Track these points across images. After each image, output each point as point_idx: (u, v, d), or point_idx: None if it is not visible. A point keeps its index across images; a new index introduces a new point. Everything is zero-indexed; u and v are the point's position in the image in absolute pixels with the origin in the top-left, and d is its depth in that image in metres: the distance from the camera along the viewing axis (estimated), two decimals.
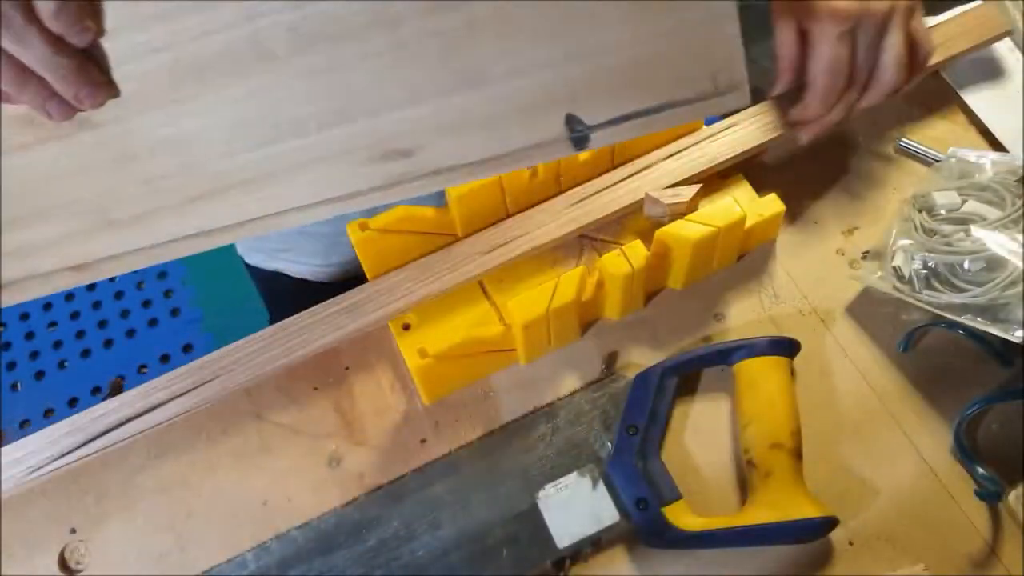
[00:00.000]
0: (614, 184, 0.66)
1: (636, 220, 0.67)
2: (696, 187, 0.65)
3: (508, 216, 0.66)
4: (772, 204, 0.66)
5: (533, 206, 0.66)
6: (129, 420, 0.62)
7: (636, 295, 0.65)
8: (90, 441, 0.62)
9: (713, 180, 0.68)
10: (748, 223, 0.64)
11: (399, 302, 0.64)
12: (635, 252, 0.61)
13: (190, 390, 0.63)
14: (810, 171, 0.72)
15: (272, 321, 0.64)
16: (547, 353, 0.66)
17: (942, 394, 0.62)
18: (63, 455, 0.61)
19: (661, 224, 0.63)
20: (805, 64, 0.60)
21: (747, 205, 0.64)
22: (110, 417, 0.62)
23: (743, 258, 0.69)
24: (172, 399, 0.62)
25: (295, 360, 0.63)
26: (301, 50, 0.48)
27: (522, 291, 0.62)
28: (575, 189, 0.67)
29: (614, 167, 0.67)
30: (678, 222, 0.62)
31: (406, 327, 0.64)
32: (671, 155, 0.67)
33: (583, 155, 0.66)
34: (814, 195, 0.71)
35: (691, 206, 0.65)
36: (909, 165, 0.72)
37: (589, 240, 0.67)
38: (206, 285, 1.81)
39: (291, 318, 0.64)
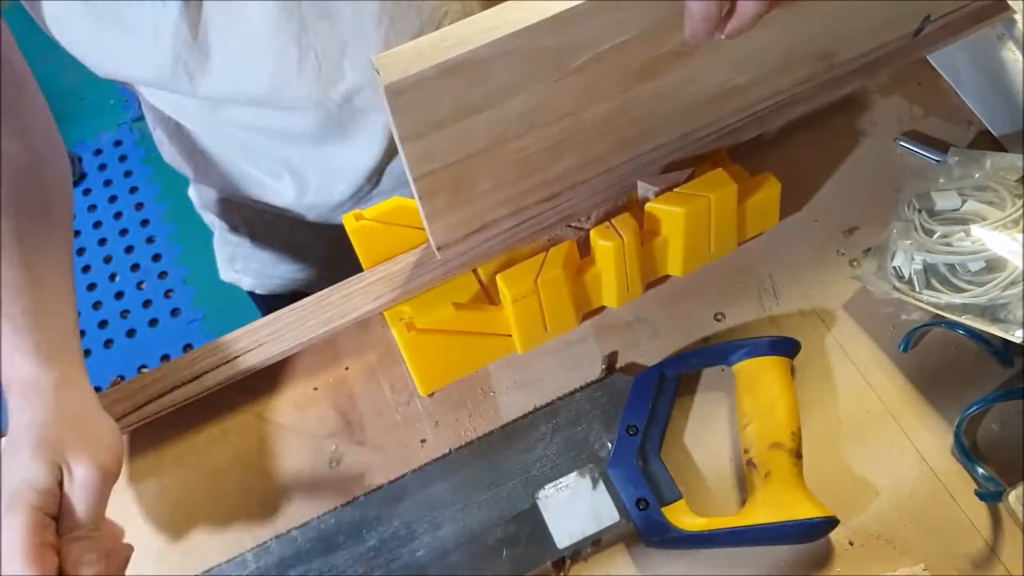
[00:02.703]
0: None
1: (628, 213, 0.66)
2: (688, 171, 0.65)
3: None
4: (767, 182, 0.64)
5: None
6: (175, 388, 0.63)
7: (632, 278, 0.64)
8: (137, 409, 0.62)
9: (706, 167, 0.67)
10: (742, 199, 0.63)
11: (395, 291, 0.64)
12: (625, 225, 0.60)
13: (236, 356, 0.63)
14: (810, 171, 0.72)
15: None
16: (545, 343, 0.65)
17: (942, 394, 0.62)
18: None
19: None
20: None
21: (741, 183, 0.64)
22: (158, 384, 0.63)
23: (743, 245, 0.69)
24: (219, 365, 0.63)
25: (336, 329, 0.64)
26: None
27: None
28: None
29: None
30: (668, 194, 0.61)
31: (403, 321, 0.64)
32: None
33: None
34: (814, 195, 0.71)
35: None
36: (909, 165, 0.72)
37: (583, 231, 0.66)
38: (206, 285, 1.81)
39: (331, 287, 0.65)
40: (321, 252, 0.84)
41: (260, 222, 0.83)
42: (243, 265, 0.88)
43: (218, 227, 0.86)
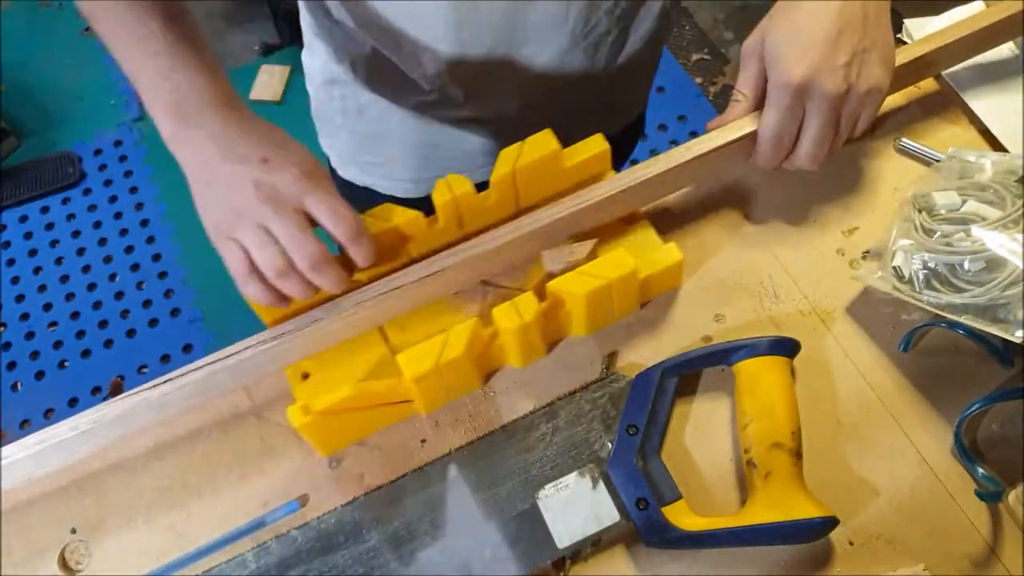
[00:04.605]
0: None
1: (540, 267, 0.66)
2: (592, 241, 0.65)
3: (412, 262, 0.64)
4: (670, 254, 0.64)
5: (435, 252, 0.64)
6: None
7: (535, 344, 0.64)
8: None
9: (618, 226, 0.67)
10: (643, 273, 0.63)
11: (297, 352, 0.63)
12: (526, 305, 0.60)
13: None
14: (810, 171, 0.72)
15: None
16: (447, 404, 0.64)
17: (942, 394, 0.62)
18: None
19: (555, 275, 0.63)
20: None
21: (646, 254, 0.64)
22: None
23: (743, 246, 0.69)
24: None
25: (234, 387, 0.64)
26: None
27: (423, 337, 0.61)
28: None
29: (518, 214, 0.66)
30: (570, 275, 0.61)
31: (305, 376, 0.63)
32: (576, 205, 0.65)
33: (487, 201, 0.66)
34: (814, 195, 0.71)
35: (590, 257, 0.64)
36: (909, 165, 0.72)
37: (492, 287, 0.66)
38: (206, 285, 1.81)
39: (238, 344, 0.62)
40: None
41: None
42: (347, 153, 0.90)
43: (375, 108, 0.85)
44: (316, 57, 0.84)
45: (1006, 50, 0.76)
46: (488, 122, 0.82)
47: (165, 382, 0.61)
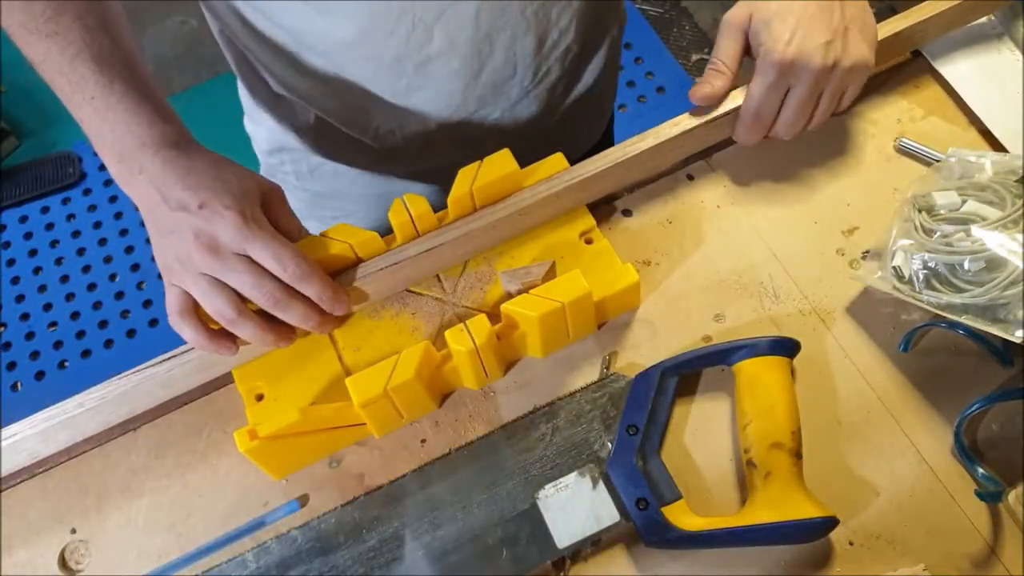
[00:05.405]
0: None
1: (497, 286, 0.66)
2: (548, 262, 0.65)
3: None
4: (626, 275, 0.64)
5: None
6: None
7: (491, 366, 0.63)
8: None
9: (579, 244, 0.67)
10: (597, 295, 0.63)
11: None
12: (478, 328, 0.59)
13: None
14: (809, 171, 0.72)
15: None
16: (402, 427, 0.64)
17: (942, 394, 0.62)
18: None
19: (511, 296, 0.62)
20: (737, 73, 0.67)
21: (603, 275, 0.64)
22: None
23: (743, 244, 0.69)
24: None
25: (203, 379, 0.65)
26: None
27: (378, 357, 0.60)
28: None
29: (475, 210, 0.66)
30: (523, 297, 0.61)
31: (259, 397, 0.63)
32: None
33: (444, 220, 0.66)
34: (814, 195, 0.71)
35: (547, 278, 0.64)
36: (909, 165, 0.72)
37: (451, 306, 0.66)
38: None
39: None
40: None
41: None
42: (303, 209, 0.90)
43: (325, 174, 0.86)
44: (260, 127, 0.84)
45: (1006, 51, 0.75)
46: (442, 168, 0.81)
47: (170, 358, 0.63)
